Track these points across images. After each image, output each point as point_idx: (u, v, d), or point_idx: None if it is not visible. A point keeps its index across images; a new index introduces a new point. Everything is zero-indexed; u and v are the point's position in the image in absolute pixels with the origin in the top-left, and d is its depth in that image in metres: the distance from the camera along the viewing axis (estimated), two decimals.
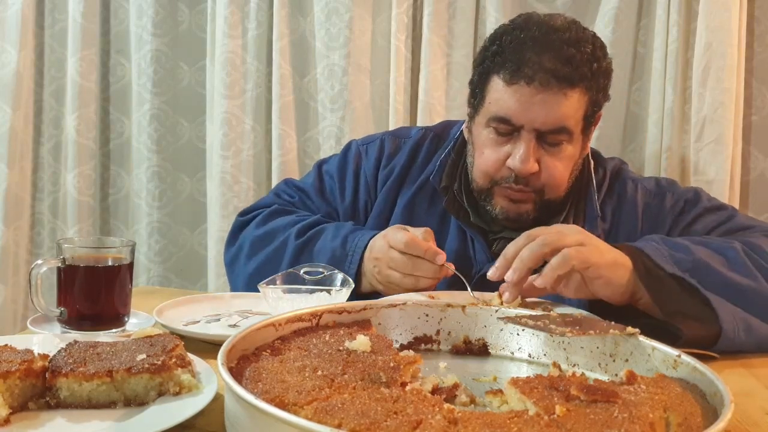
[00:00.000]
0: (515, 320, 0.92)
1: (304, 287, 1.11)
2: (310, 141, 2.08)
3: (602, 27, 1.87)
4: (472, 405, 0.76)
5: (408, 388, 0.71)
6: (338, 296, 1.08)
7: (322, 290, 1.10)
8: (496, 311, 0.95)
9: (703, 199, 1.38)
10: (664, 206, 1.37)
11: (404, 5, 1.95)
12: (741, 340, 1.05)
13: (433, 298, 1.09)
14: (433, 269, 1.18)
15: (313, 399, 0.64)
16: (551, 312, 0.97)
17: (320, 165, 1.54)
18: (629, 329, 0.85)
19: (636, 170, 1.90)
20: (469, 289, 1.12)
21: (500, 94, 1.27)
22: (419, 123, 1.93)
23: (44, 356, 0.78)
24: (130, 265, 1.09)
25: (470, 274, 1.33)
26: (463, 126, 1.43)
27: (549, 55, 1.23)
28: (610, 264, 1.08)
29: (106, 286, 1.05)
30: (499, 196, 1.32)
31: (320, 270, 1.15)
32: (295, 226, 1.38)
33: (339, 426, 0.58)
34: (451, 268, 1.17)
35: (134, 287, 1.11)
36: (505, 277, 1.07)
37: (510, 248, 1.09)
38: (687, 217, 1.34)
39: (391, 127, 1.92)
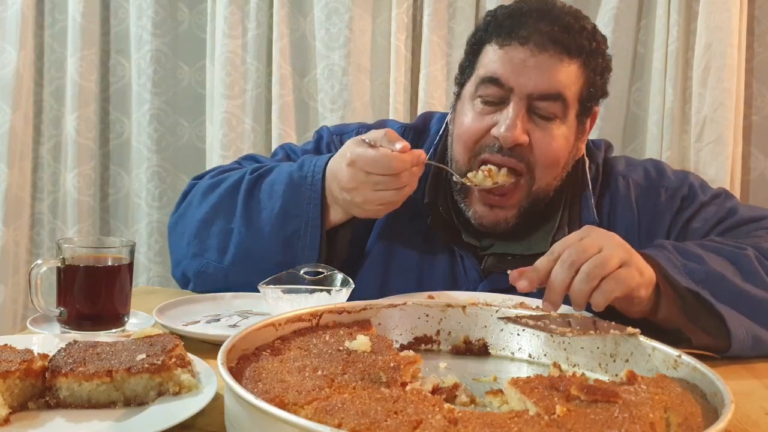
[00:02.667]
0: (515, 320, 0.92)
1: (304, 287, 1.11)
2: None
3: (602, 27, 1.87)
4: (472, 405, 0.75)
5: (408, 388, 0.71)
6: (338, 296, 1.08)
7: (322, 290, 1.10)
8: (497, 311, 0.95)
9: (698, 192, 1.29)
10: (660, 203, 1.28)
11: (404, 5, 1.95)
12: (746, 353, 1.02)
13: (432, 298, 1.09)
14: (416, 172, 1.10)
15: (313, 399, 0.64)
16: (551, 312, 0.97)
17: (285, 145, 1.43)
18: (629, 329, 0.85)
19: None
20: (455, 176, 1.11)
21: (491, 57, 1.19)
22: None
23: (44, 356, 0.77)
24: (130, 265, 1.08)
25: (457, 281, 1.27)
26: (448, 116, 1.32)
27: (546, 21, 1.16)
28: (647, 284, 1.00)
29: (105, 286, 1.05)
30: (475, 201, 1.22)
31: (320, 270, 1.15)
32: (249, 169, 1.28)
33: (339, 426, 0.58)
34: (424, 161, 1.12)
35: (134, 287, 1.11)
36: (542, 305, 0.98)
37: (543, 262, 0.98)
38: (685, 214, 1.26)
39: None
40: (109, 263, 1.06)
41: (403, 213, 1.22)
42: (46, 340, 0.92)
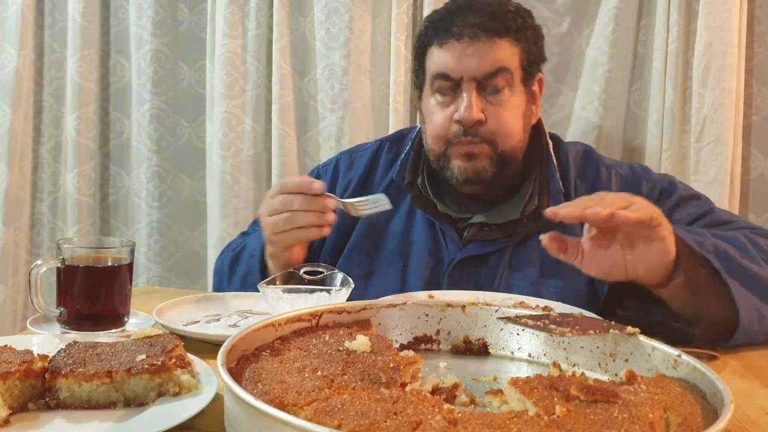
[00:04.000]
0: (515, 320, 0.92)
1: (303, 287, 1.11)
2: (310, 141, 2.08)
3: (602, 27, 1.87)
4: (472, 405, 0.76)
5: (408, 388, 0.71)
6: (338, 296, 1.08)
7: (321, 290, 1.10)
8: (496, 311, 0.95)
9: (679, 188, 1.37)
10: (641, 194, 1.28)
11: (404, 5, 1.95)
12: (754, 330, 1.05)
13: (432, 297, 1.09)
14: (314, 203, 1.19)
15: (313, 399, 0.64)
16: (551, 312, 0.97)
17: None
18: (629, 329, 0.85)
19: None
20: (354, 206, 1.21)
21: (436, 57, 1.35)
22: (419, 123, 1.93)
23: (44, 357, 0.78)
24: (130, 265, 1.09)
25: (441, 264, 1.37)
26: (418, 119, 1.49)
27: (473, 14, 1.33)
28: (672, 233, 1.04)
29: (105, 286, 1.05)
30: (454, 156, 1.34)
31: (320, 270, 1.15)
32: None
33: (339, 427, 0.58)
34: (333, 197, 1.22)
35: (134, 287, 1.11)
36: (588, 212, 0.99)
37: (585, 198, 1.04)
38: (665, 206, 1.27)
39: (391, 128, 1.92)
40: (109, 263, 1.07)
41: (388, 191, 1.38)
42: (46, 340, 0.93)
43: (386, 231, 1.43)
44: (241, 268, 1.40)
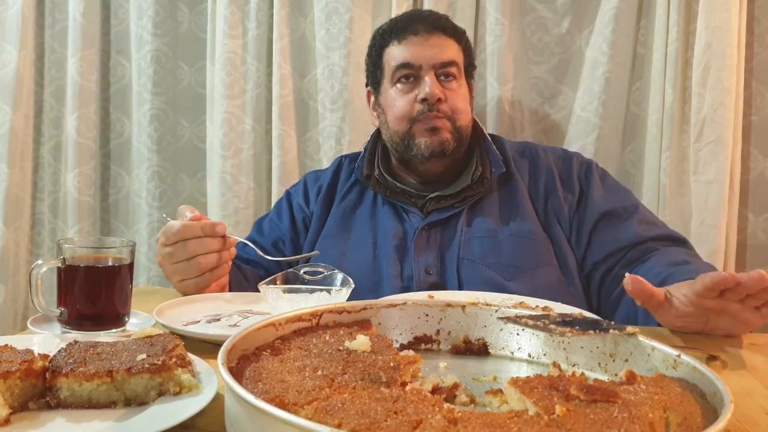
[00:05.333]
0: (515, 320, 0.92)
1: (304, 287, 1.11)
2: (310, 141, 2.09)
3: (602, 27, 1.87)
4: (472, 405, 0.76)
5: (408, 388, 0.71)
6: (338, 296, 1.08)
7: (322, 290, 1.10)
8: (496, 311, 0.95)
9: (606, 173, 1.62)
10: (572, 167, 1.59)
11: (404, 5, 1.95)
12: None
13: (432, 297, 1.09)
14: (216, 243, 1.23)
15: (313, 399, 0.64)
16: (551, 312, 0.97)
17: (259, 220, 1.76)
18: (629, 329, 0.85)
19: (636, 170, 1.91)
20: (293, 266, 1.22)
21: (396, 52, 1.57)
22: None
23: (44, 356, 0.78)
24: (130, 265, 1.09)
25: (407, 234, 1.54)
26: (372, 119, 1.69)
27: (423, 17, 1.59)
28: None
29: (106, 286, 1.05)
30: (419, 133, 1.53)
31: (320, 270, 1.15)
32: None
33: (339, 426, 0.58)
34: (234, 238, 1.26)
35: (134, 287, 1.11)
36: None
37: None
38: (588, 180, 1.57)
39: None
40: (110, 263, 1.07)
41: (351, 194, 1.65)
42: (47, 340, 0.92)
43: (355, 217, 1.62)
44: None
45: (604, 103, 1.87)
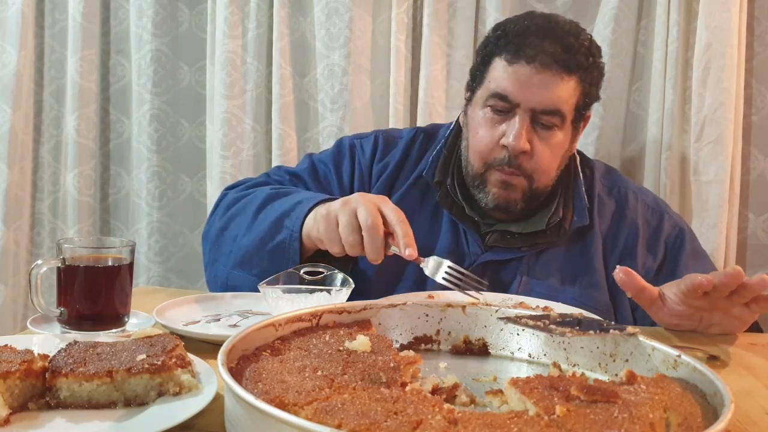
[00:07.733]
0: (515, 320, 0.92)
1: (304, 287, 1.11)
2: (310, 141, 2.08)
3: (602, 27, 1.87)
4: (472, 405, 0.76)
5: (408, 388, 0.71)
6: (338, 296, 1.08)
7: (322, 290, 1.10)
8: (496, 311, 0.95)
9: (693, 237, 1.46)
10: (663, 229, 1.43)
11: (404, 5, 1.95)
12: None
13: (432, 297, 1.09)
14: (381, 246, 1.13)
15: (313, 399, 0.64)
16: (551, 312, 0.97)
17: (311, 155, 1.57)
18: (629, 329, 0.85)
19: (636, 170, 1.91)
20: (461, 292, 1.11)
21: (500, 73, 1.33)
22: (419, 123, 1.93)
23: (44, 356, 0.78)
24: (130, 265, 1.09)
25: (462, 264, 1.32)
26: (460, 115, 1.48)
27: (550, 40, 1.30)
28: None
29: (106, 286, 1.05)
30: (491, 182, 1.35)
31: (320, 270, 1.15)
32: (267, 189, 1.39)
33: (339, 426, 0.58)
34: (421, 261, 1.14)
35: (134, 287, 1.11)
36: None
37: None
38: (678, 254, 1.41)
39: (392, 128, 1.92)
40: (110, 263, 1.06)
41: (415, 191, 1.45)
42: (47, 340, 0.92)
43: (412, 223, 1.38)
44: (281, 206, 1.30)
45: (604, 103, 1.87)
